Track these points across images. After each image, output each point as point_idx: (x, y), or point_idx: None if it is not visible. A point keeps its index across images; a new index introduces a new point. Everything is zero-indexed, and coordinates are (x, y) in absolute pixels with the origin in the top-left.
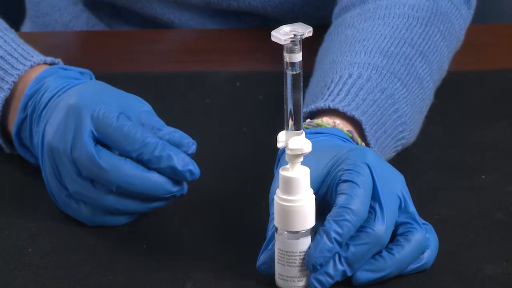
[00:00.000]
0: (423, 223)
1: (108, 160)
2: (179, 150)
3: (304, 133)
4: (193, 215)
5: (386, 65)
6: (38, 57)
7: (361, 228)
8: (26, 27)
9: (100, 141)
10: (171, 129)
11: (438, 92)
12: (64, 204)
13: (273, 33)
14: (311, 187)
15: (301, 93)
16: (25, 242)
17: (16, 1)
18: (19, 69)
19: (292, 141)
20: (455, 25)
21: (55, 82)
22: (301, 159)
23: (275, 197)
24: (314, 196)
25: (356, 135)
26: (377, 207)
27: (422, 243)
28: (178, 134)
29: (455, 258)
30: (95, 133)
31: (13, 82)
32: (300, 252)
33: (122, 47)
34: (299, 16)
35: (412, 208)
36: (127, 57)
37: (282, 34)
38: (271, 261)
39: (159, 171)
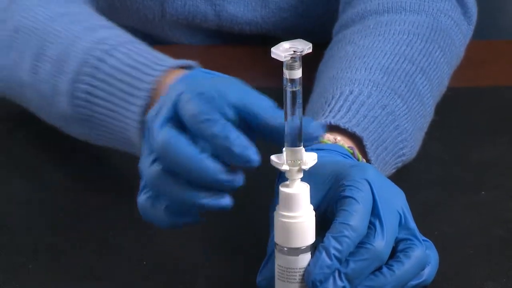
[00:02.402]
0: (423, 240)
1: (164, 134)
2: (240, 134)
3: (304, 149)
4: (192, 229)
5: (386, 81)
6: (172, 61)
7: (361, 244)
8: None
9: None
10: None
11: (438, 108)
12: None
13: (273, 49)
14: (311, 203)
15: (301, 109)
16: (25, 258)
17: None
18: (153, 75)
19: None
20: (455, 41)
21: None
22: (301, 175)
23: (275, 213)
24: (314, 212)
25: (357, 152)
26: (377, 223)
27: (422, 259)
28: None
29: (455, 275)
30: (173, 112)
31: (150, 88)
32: (300, 269)
33: None
34: (307, 38)
35: (412, 224)
36: None
37: (282, 50)
38: (271, 277)
39: (215, 153)
